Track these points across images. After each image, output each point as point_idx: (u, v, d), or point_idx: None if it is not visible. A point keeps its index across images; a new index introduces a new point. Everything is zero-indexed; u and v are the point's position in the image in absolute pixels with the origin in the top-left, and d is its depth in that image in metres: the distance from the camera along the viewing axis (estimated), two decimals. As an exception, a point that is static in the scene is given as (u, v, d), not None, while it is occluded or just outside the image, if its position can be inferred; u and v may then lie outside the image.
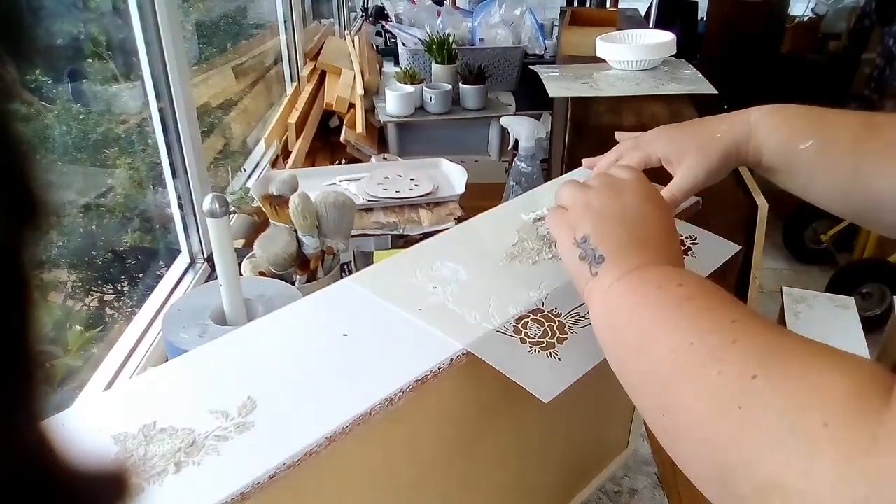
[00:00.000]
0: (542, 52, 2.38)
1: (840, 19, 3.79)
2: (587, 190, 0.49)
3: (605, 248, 0.45)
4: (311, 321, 0.50)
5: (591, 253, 0.45)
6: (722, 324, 0.36)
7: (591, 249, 0.45)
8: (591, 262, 0.45)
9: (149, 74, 1.03)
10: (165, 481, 0.36)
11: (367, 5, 3.21)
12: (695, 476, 0.36)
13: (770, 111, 0.59)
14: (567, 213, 0.49)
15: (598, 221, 0.47)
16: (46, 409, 0.15)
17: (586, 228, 0.47)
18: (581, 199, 0.49)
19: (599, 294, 0.44)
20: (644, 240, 0.46)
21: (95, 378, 0.86)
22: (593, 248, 0.45)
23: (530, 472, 0.64)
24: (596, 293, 0.44)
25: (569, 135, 1.31)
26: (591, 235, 0.46)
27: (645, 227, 0.47)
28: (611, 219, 0.47)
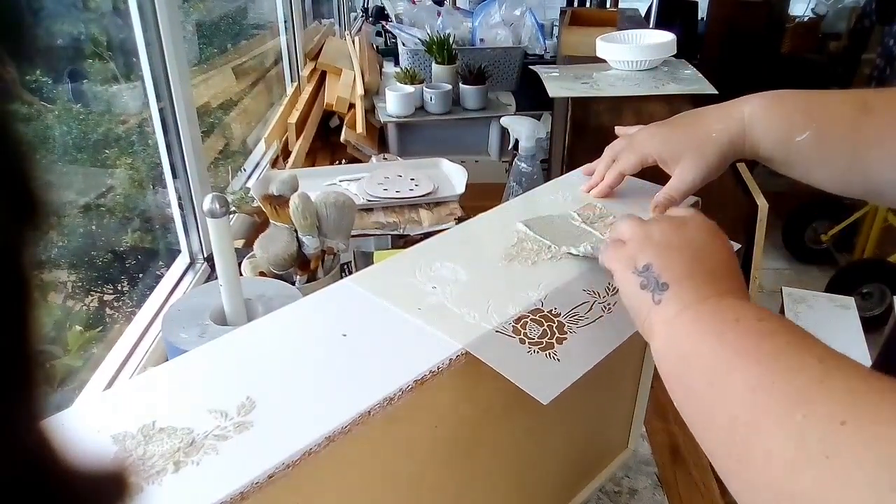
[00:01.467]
0: (542, 52, 2.37)
1: (840, 19, 3.79)
2: (647, 224, 0.48)
3: (670, 276, 0.43)
4: (311, 321, 0.50)
5: (653, 281, 0.44)
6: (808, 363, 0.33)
7: (654, 277, 0.44)
8: (653, 291, 0.43)
9: (149, 74, 1.03)
10: (164, 481, 0.36)
11: (367, 5, 3.21)
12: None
13: (764, 104, 0.58)
14: (626, 246, 0.47)
15: (661, 251, 0.45)
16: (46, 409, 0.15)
17: (648, 258, 0.45)
18: (641, 232, 0.47)
19: (664, 323, 0.42)
20: (710, 270, 0.44)
21: (95, 378, 0.86)
22: (656, 276, 0.44)
23: (530, 473, 0.64)
24: (660, 322, 0.42)
25: (569, 135, 1.31)
26: (653, 264, 0.44)
27: (710, 258, 0.45)
28: (674, 249, 0.45)
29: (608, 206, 0.66)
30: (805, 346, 0.35)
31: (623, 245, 0.48)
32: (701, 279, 0.43)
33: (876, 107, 0.53)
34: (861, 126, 0.53)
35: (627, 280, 0.46)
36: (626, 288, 0.46)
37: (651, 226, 0.47)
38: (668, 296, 0.43)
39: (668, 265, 0.44)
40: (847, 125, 0.54)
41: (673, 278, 0.43)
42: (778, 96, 0.58)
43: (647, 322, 0.44)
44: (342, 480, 0.44)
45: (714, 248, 0.46)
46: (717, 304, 0.41)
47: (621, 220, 0.50)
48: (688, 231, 0.46)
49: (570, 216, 0.64)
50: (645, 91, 1.28)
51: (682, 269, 0.43)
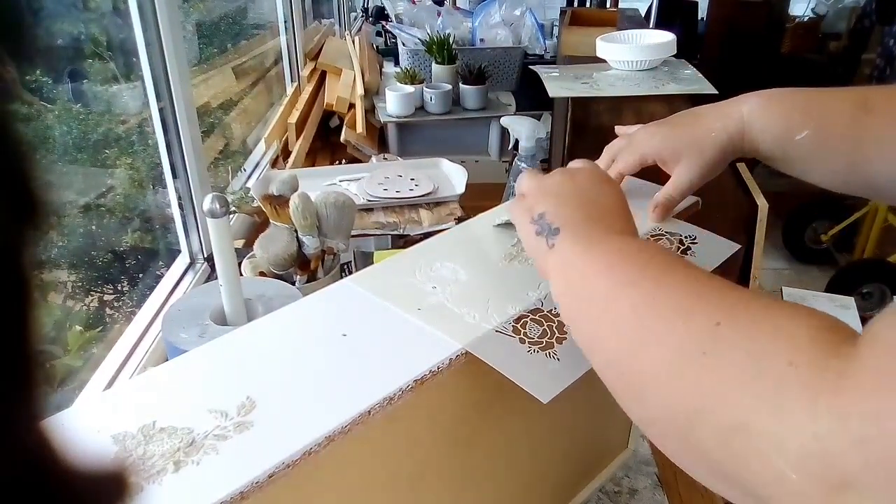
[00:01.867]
0: (542, 52, 2.37)
1: (840, 19, 3.79)
2: (544, 177, 0.51)
3: (561, 221, 0.46)
4: (311, 321, 0.50)
5: (546, 227, 0.47)
6: (686, 280, 0.37)
7: (547, 224, 0.47)
8: (547, 236, 0.46)
9: (149, 74, 1.03)
10: (164, 481, 0.36)
11: (367, 5, 3.21)
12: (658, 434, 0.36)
13: (762, 103, 0.58)
14: (525, 199, 0.51)
15: (554, 199, 0.48)
16: (46, 409, 0.15)
17: (542, 207, 0.48)
18: (535, 184, 0.51)
19: (559, 265, 0.45)
20: (599, 214, 0.47)
21: (95, 378, 0.86)
22: (549, 222, 0.47)
23: (530, 473, 0.64)
24: (555, 265, 0.45)
25: (569, 135, 1.31)
26: (546, 212, 0.47)
27: (599, 203, 0.48)
28: (565, 196, 0.48)
29: (608, 206, 0.66)
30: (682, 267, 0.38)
31: (523, 198, 0.51)
32: (590, 222, 0.46)
33: (875, 104, 0.53)
34: (860, 124, 0.53)
35: (526, 230, 0.48)
36: (525, 237, 0.49)
37: (546, 178, 0.51)
38: (559, 239, 0.45)
39: (560, 211, 0.47)
40: (846, 123, 0.54)
41: (564, 223, 0.46)
42: (777, 95, 0.58)
43: (544, 266, 0.46)
44: (342, 480, 0.44)
45: (603, 193, 0.49)
46: (603, 241, 0.44)
47: (521, 176, 0.53)
48: (578, 179, 0.50)
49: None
50: (645, 91, 1.28)
51: (573, 214, 0.46)
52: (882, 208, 2.63)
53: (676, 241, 0.61)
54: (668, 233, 0.62)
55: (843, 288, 2.34)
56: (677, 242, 0.61)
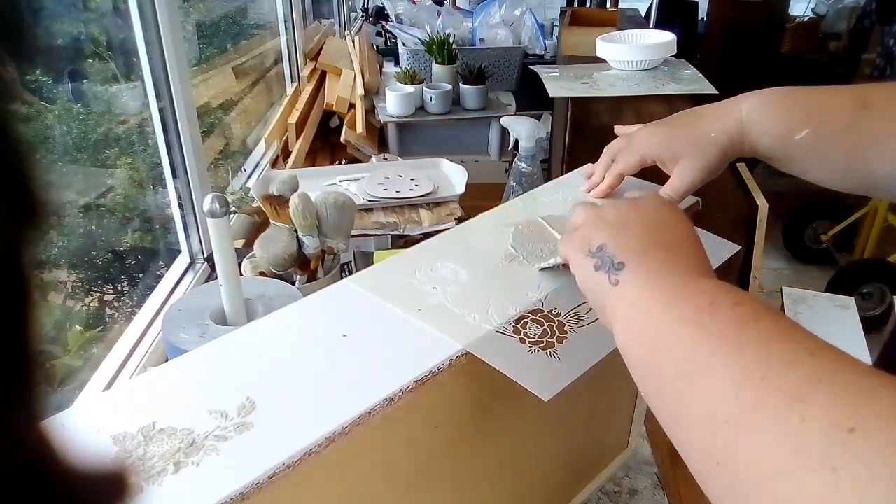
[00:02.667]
0: (542, 52, 2.38)
1: (840, 19, 3.79)
2: (600, 207, 0.46)
3: (625, 254, 0.40)
4: (311, 321, 0.50)
5: (608, 261, 0.40)
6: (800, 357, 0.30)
7: (609, 257, 0.40)
8: (609, 271, 0.40)
9: (149, 74, 1.03)
10: (164, 481, 0.36)
11: (368, 5, 3.21)
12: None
13: (762, 103, 0.58)
14: (579, 230, 0.45)
15: (615, 230, 0.42)
16: (46, 409, 0.15)
17: (602, 238, 0.42)
18: (593, 214, 0.45)
19: (626, 306, 0.38)
20: (669, 246, 0.40)
21: (95, 378, 0.86)
22: (610, 255, 0.40)
23: (530, 473, 0.64)
24: (620, 306, 0.39)
25: (569, 135, 1.31)
26: (607, 243, 0.41)
27: (667, 233, 0.41)
28: (628, 226, 0.42)
29: (608, 206, 0.66)
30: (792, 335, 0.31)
31: (577, 230, 0.45)
32: (660, 255, 0.40)
33: (875, 102, 0.53)
34: (860, 122, 0.53)
35: (582, 263, 0.42)
36: (581, 272, 0.43)
37: (604, 208, 0.45)
38: (625, 275, 0.39)
39: (623, 243, 0.41)
40: (846, 121, 0.54)
41: (629, 256, 0.40)
42: (776, 94, 0.58)
43: (606, 307, 0.40)
44: (342, 481, 0.44)
45: (671, 222, 0.42)
46: (684, 283, 0.37)
47: (575, 207, 0.48)
48: (643, 208, 0.44)
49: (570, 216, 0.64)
50: (645, 91, 1.28)
51: (638, 246, 0.40)
52: (882, 208, 2.63)
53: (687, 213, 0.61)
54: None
55: (843, 288, 2.34)
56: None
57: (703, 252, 0.42)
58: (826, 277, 2.61)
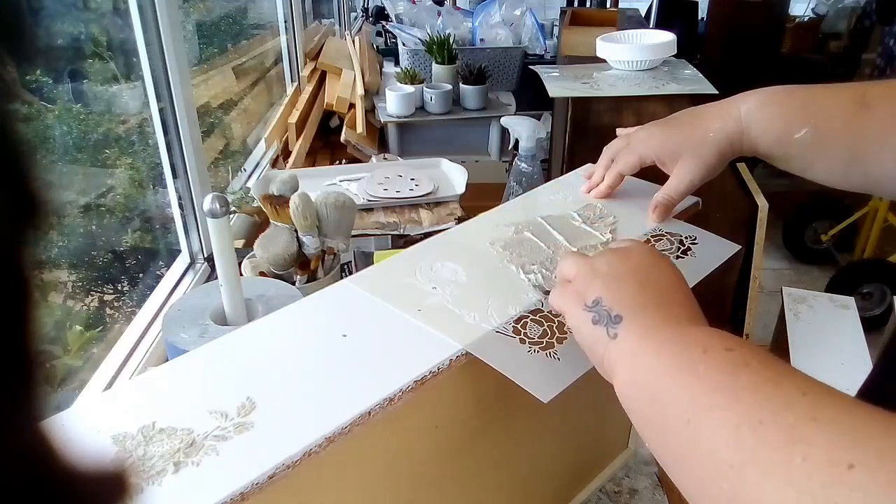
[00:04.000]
0: (542, 52, 2.38)
1: (840, 19, 3.79)
2: (590, 258, 0.46)
3: (622, 307, 0.41)
4: (311, 321, 0.50)
5: (605, 315, 0.41)
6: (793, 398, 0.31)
7: (606, 311, 0.41)
8: (607, 325, 0.41)
9: (149, 75, 1.03)
10: (164, 481, 0.36)
11: (368, 5, 3.21)
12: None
13: (761, 102, 0.58)
14: (572, 283, 0.45)
15: (609, 283, 0.43)
16: (46, 409, 0.15)
17: (597, 291, 0.43)
18: (585, 266, 0.45)
19: (625, 358, 0.39)
20: (662, 296, 0.42)
21: (95, 378, 0.86)
22: (607, 309, 0.41)
23: (530, 473, 0.64)
24: (620, 358, 0.40)
25: (569, 135, 1.31)
26: (603, 297, 0.42)
27: (659, 284, 0.43)
28: (622, 279, 0.43)
29: (608, 206, 0.66)
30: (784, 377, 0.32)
31: (569, 284, 0.46)
32: (655, 307, 0.41)
33: (874, 100, 0.53)
34: (860, 120, 0.53)
35: (579, 317, 0.43)
36: (578, 326, 0.43)
37: (595, 259, 0.46)
38: (623, 328, 0.40)
39: (619, 296, 0.42)
40: (845, 120, 0.54)
41: (626, 310, 0.41)
42: (775, 93, 0.58)
43: (605, 359, 0.41)
44: (342, 481, 0.44)
45: (663, 273, 0.44)
46: (678, 333, 0.38)
47: (563, 259, 0.48)
48: (633, 259, 0.45)
49: (570, 216, 0.64)
50: (645, 91, 1.28)
51: (634, 299, 0.41)
52: (882, 208, 2.63)
53: (676, 242, 0.61)
54: (668, 233, 0.62)
55: (843, 288, 2.34)
56: (677, 242, 0.61)
57: (693, 299, 0.43)
58: (826, 277, 2.61)
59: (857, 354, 1.51)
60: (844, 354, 1.51)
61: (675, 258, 0.59)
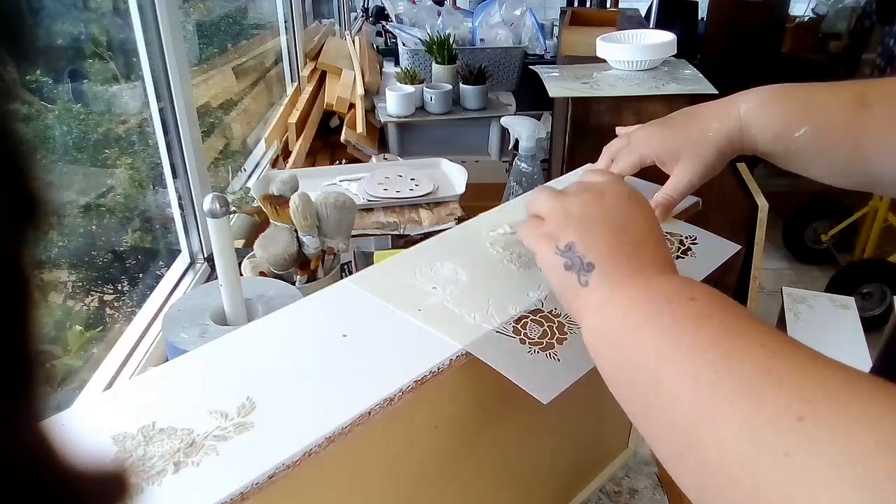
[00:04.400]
0: (542, 52, 2.38)
1: (840, 19, 3.79)
2: (563, 196, 0.45)
3: (595, 255, 0.41)
4: (311, 321, 0.50)
5: (577, 262, 0.42)
6: (751, 350, 0.32)
7: (578, 258, 0.42)
8: (578, 272, 0.41)
9: (149, 75, 1.03)
10: (164, 481, 0.36)
11: (368, 5, 3.21)
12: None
13: (760, 101, 0.58)
14: (544, 223, 0.45)
15: (582, 227, 0.43)
16: (46, 409, 0.15)
17: (570, 236, 0.43)
18: (558, 207, 0.44)
19: (594, 307, 0.40)
20: (635, 244, 0.42)
21: (95, 378, 0.86)
22: (580, 256, 0.42)
23: (530, 473, 0.64)
24: (589, 306, 0.40)
25: (569, 135, 1.31)
26: (576, 243, 0.42)
27: (633, 230, 0.43)
28: (595, 224, 0.43)
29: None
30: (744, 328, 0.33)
31: (542, 222, 0.45)
32: (627, 255, 0.41)
33: (874, 99, 0.53)
34: (860, 119, 0.53)
35: (551, 261, 0.43)
36: (550, 269, 0.44)
37: (569, 199, 0.45)
38: (594, 277, 0.41)
39: (592, 243, 0.42)
40: (845, 118, 0.54)
41: (598, 257, 0.41)
42: (774, 91, 0.58)
43: (574, 305, 0.42)
44: (342, 481, 0.44)
45: (636, 218, 0.44)
46: (646, 283, 0.39)
47: (535, 193, 0.47)
48: (607, 202, 0.44)
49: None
50: (645, 91, 1.28)
51: (607, 246, 0.41)
52: (882, 208, 2.63)
53: (676, 242, 0.61)
54: (668, 233, 0.62)
55: (843, 288, 2.34)
56: (677, 243, 0.61)
57: (666, 247, 0.43)
58: (826, 277, 2.61)
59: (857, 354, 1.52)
60: (844, 354, 1.51)
61: (675, 258, 0.59)
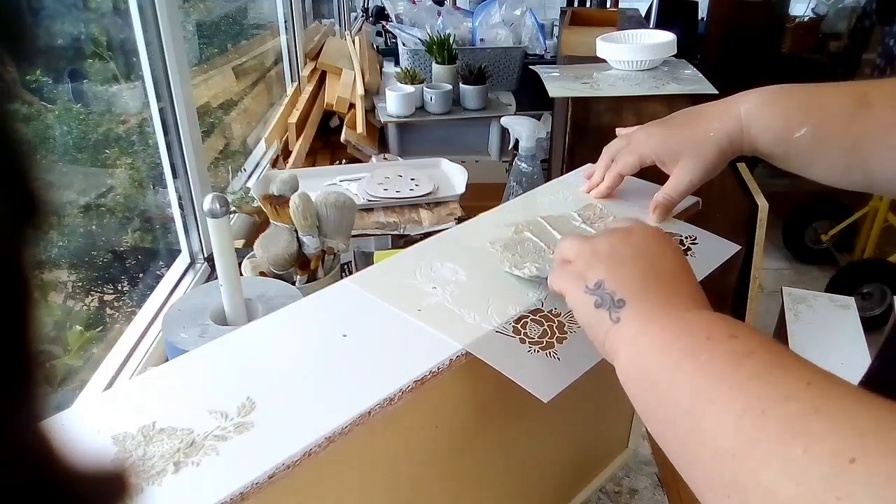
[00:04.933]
0: (542, 52, 2.38)
1: (840, 19, 3.79)
2: (591, 238, 0.45)
3: (625, 291, 0.40)
4: (311, 321, 0.50)
5: (608, 298, 0.41)
6: (797, 388, 0.31)
7: (608, 294, 0.41)
8: (609, 309, 0.41)
9: (149, 75, 1.03)
10: (164, 481, 0.36)
11: (368, 5, 3.21)
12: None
13: (760, 101, 0.58)
14: (573, 264, 0.45)
15: (611, 266, 0.42)
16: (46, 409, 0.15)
17: (599, 274, 0.42)
18: (586, 248, 0.44)
19: (628, 343, 0.39)
20: (665, 280, 0.41)
21: (95, 378, 0.86)
22: (610, 292, 0.41)
23: (530, 473, 0.64)
24: (622, 342, 0.40)
25: (569, 135, 1.31)
26: (605, 280, 0.42)
27: (663, 267, 0.42)
28: (625, 262, 0.42)
29: (608, 206, 0.66)
30: (788, 366, 0.32)
31: (569, 264, 0.45)
32: (658, 291, 0.40)
33: (874, 99, 0.53)
34: (860, 119, 0.53)
35: (580, 300, 0.43)
36: (580, 308, 0.43)
37: (596, 240, 0.45)
38: (626, 313, 0.40)
39: (621, 280, 0.41)
40: (845, 119, 0.54)
41: (629, 293, 0.40)
42: (774, 92, 0.58)
43: (607, 343, 0.41)
44: (342, 481, 0.44)
45: (666, 256, 0.43)
46: (681, 318, 0.38)
47: (563, 240, 0.47)
48: (635, 241, 0.44)
49: (570, 216, 0.64)
50: (645, 91, 1.28)
51: (637, 283, 0.41)
52: (882, 208, 2.63)
53: (677, 242, 0.61)
54: (668, 233, 0.62)
55: (843, 288, 2.34)
56: (677, 243, 0.61)
57: (696, 282, 0.43)
58: (826, 277, 2.61)
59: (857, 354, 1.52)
60: (844, 354, 1.52)
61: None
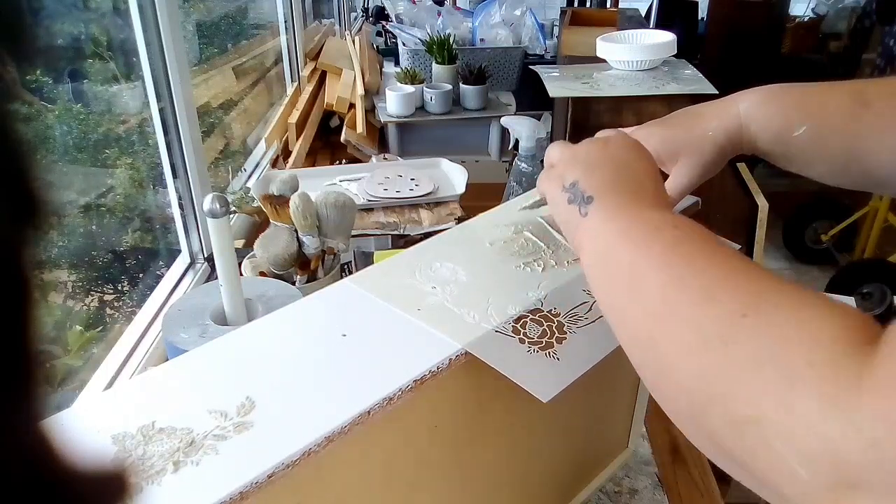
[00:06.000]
0: (542, 52, 2.38)
1: (840, 19, 3.79)
2: (573, 146, 0.51)
3: (594, 190, 0.46)
4: (311, 321, 0.50)
5: (579, 196, 0.46)
6: (715, 263, 0.37)
7: (580, 192, 0.46)
8: (579, 204, 0.46)
9: (149, 74, 1.03)
10: (164, 481, 0.36)
11: (368, 5, 3.21)
12: (673, 411, 0.37)
13: (759, 100, 0.58)
14: (555, 168, 0.50)
15: (586, 168, 0.47)
16: (46, 409, 0.15)
17: (575, 175, 0.47)
18: (567, 153, 0.50)
19: (590, 234, 0.44)
20: (632, 182, 0.46)
21: (95, 378, 0.86)
22: (582, 190, 0.46)
23: (530, 473, 0.64)
24: (587, 234, 0.45)
25: (569, 135, 1.32)
26: (579, 180, 0.46)
27: (632, 171, 0.47)
28: (598, 165, 0.47)
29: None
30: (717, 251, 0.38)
31: (553, 168, 0.51)
32: (624, 192, 0.45)
33: (873, 98, 0.53)
34: (859, 118, 0.53)
35: (557, 198, 0.48)
36: (556, 205, 0.48)
37: (577, 147, 0.50)
38: (593, 208, 0.45)
39: (593, 180, 0.46)
40: (845, 118, 0.54)
41: (598, 192, 0.45)
42: (773, 91, 0.58)
43: (576, 235, 0.46)
44: (342, 480, 0.44)
45: (637, 163, 0.48)
46: (641, 215, 0.43)
47: (550, 146, 0.53)
48: (611, 148, 0.49)
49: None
50: (645, 91, 1.28)
51: (606, 183, 0.46)
52: (882, 208, 2.63)
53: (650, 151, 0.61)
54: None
55: (843, 288, 2.34)
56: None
57: (660, 186, 0.48)
58: (826, 277, 2.61)
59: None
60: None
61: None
